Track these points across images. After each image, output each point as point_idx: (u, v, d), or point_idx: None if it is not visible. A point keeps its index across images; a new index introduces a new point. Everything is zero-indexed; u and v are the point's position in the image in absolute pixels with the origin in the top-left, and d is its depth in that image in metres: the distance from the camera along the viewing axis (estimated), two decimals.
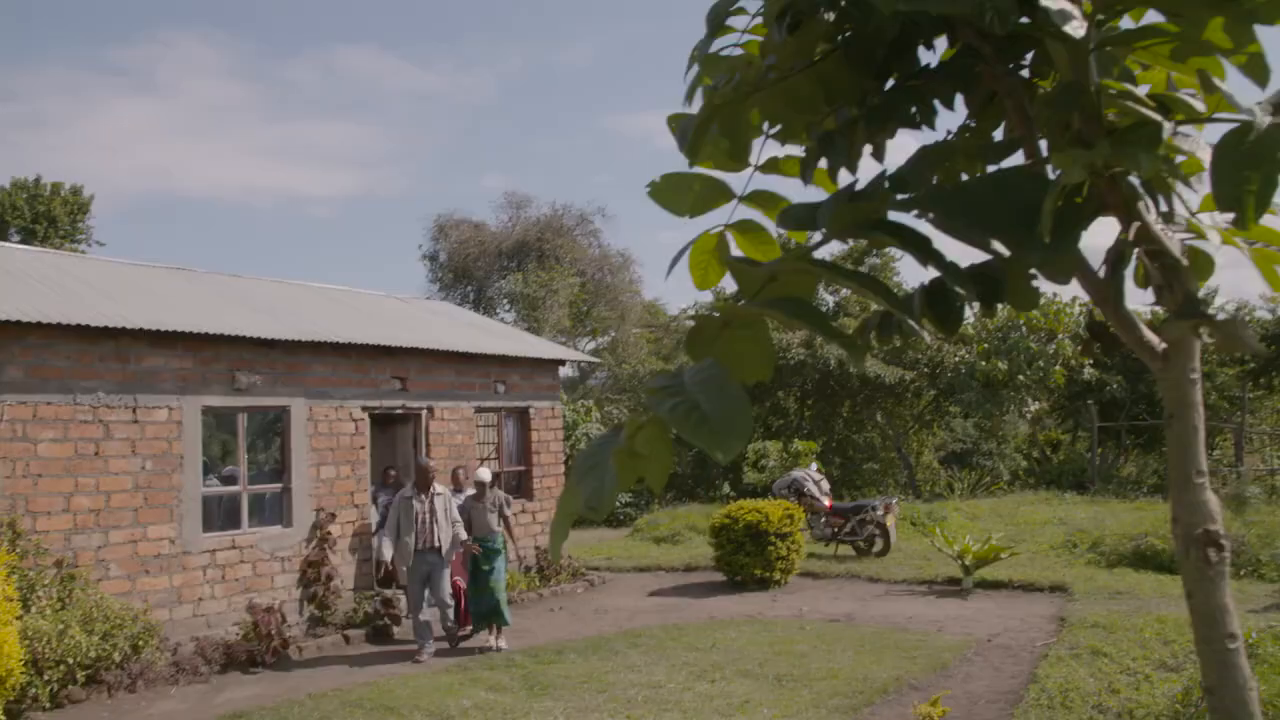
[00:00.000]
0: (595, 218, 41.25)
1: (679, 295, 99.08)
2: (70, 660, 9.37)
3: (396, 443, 14.71)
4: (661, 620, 12.66)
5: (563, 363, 18.09)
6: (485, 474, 12.18)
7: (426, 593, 11.59)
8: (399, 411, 14.33)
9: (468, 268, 38.13)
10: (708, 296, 30.42)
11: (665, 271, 1.75)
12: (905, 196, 1.41)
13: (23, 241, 35.63)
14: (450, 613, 11.76)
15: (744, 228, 2.00)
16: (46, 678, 9.21)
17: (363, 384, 13.70)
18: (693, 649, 10.87)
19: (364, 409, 13.69)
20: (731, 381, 1.14)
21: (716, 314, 1.33)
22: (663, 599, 14.43)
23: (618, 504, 25.61)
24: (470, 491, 12.34)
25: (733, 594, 14.56)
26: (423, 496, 11.56)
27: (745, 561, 14.81)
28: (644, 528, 21.45)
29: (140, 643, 10.14)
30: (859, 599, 13.73)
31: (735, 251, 2.05)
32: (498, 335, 17.80)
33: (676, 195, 1.94)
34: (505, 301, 37.88)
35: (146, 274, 14.55)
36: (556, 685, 9.58)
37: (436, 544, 11.48)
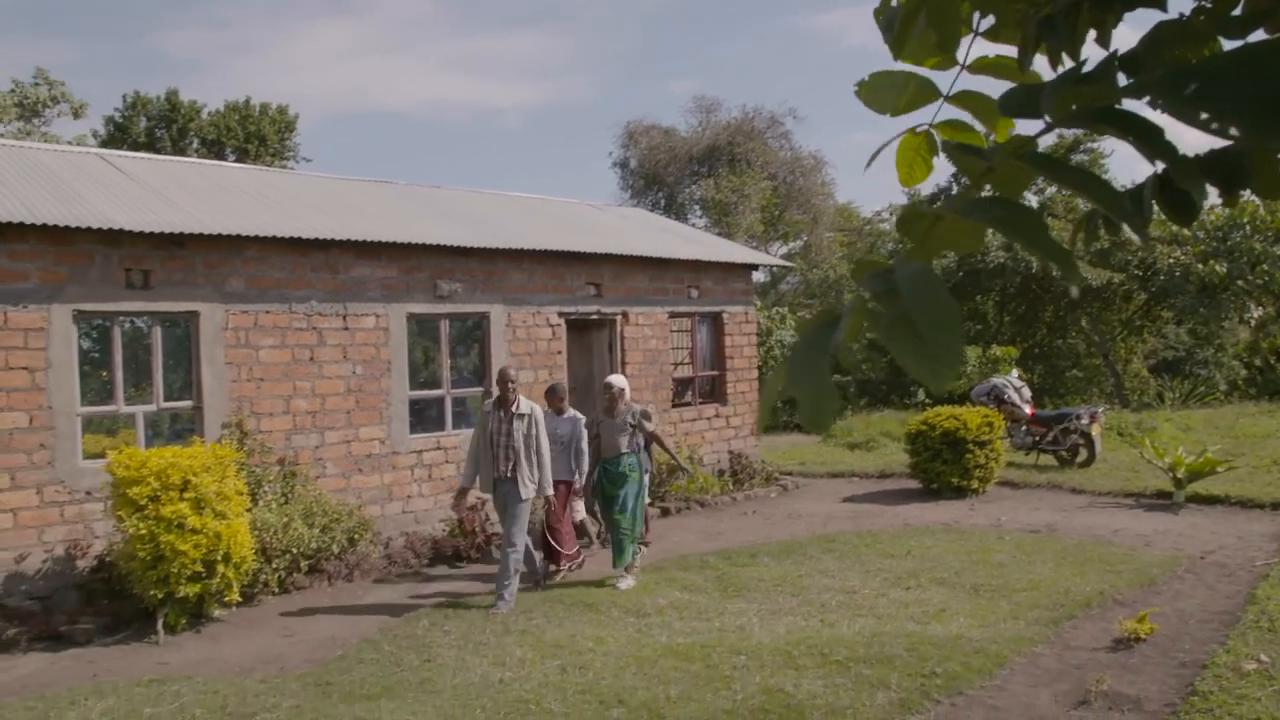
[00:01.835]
0: (786, 120, 40.62)
1: (873, 197, 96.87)
2: (294, 550, 10.08)
3: (592, 347, 14.96)
4: (855, 526, 12.60)
5: (755, 267, 17.95)
6: (616, 381, 10.27)
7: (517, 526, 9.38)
8: (594, 317, 14.55)
9: (658, 174, 38.10)
10: (903, 199, 29.50)
11: (864, 165, 1.67)
12: (1135, 80, 1.29)
13: (237, 160, 37.56)
14: (515, 556, 9.29)
15: (951, 126, 1.90)
16: (274, 565, 9.94)
17: (559, 290, 13.96)
18: (887, 555, 10.78)
19: (560, 314, 13.97)
20: (945, 297, 1.05)
21: (933, 208, 1.23)
22: (856, 505, 14.34)
23: None
24: (572, 414, 10.32)
25: (928, 502, 14.35)
26: (501, 413, 9.41)
27: (942, 469, 14.54)
28: (837, 433, 21.30)
29: (356, 536, 10.81)
30: (1061, 510, 13.31)
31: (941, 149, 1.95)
32: (690, 240, 17.78)
33: (884, 94, 1.84)
34: (697, 207, 37.79)
35: (351, 187, 15.11)
36: (750, 587, 9.68)
37: (510, 474, 9.34)
